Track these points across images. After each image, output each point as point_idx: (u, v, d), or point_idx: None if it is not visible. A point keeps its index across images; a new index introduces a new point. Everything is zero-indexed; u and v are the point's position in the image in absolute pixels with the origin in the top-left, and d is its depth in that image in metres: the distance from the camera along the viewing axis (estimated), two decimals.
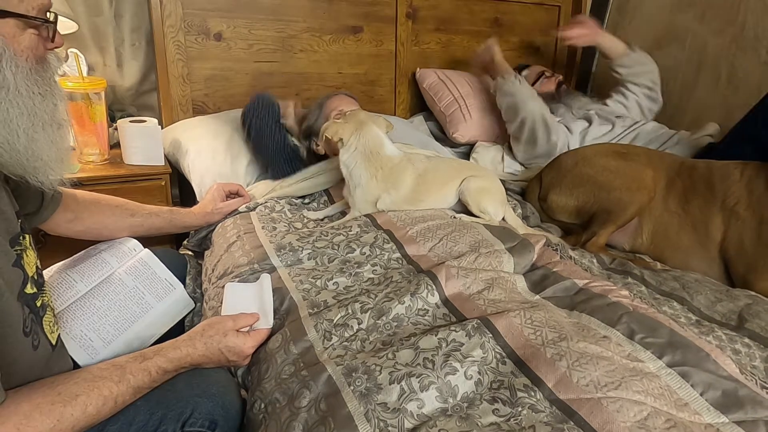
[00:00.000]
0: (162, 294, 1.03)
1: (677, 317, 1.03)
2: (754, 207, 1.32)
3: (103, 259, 1.05)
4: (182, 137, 1.66)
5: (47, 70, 0.73)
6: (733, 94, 2.09)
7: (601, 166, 1.54)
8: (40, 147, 0.71)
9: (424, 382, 0.78)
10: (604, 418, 0.71)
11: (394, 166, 1.30)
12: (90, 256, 1.06)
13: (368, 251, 1.13)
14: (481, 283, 1.02)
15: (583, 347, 0.83)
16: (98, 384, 0.72)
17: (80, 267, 1.02)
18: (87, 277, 1.00)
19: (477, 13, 2.34)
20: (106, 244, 1.10)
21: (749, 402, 0.77)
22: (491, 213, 1.32)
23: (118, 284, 1.00)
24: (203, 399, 0.80)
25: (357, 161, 1.28)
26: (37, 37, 0.70)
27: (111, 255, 1.06)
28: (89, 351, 0.91)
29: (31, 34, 0.69)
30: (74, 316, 0.94)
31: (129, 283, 1.01)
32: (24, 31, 0.68)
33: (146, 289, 1.02)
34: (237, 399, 0.86)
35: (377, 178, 1.29)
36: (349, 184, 1.31)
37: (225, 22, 1.86)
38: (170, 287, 1.05)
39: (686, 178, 1.47)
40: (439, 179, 1.35)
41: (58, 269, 1.04)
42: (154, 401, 0.78)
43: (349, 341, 0.90)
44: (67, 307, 0.95)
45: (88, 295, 0.98)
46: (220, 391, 0.83)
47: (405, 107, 2.30)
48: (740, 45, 2.06)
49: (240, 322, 0.90)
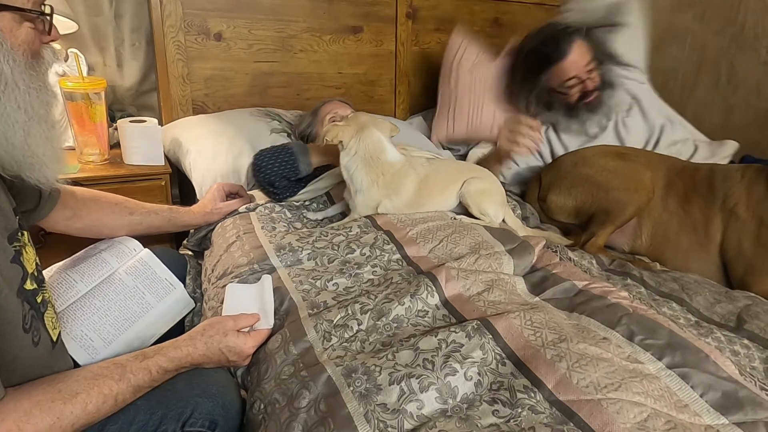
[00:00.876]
0: (162, 294, 1.03)
1: (676, 318, 1.04)
2: (753, 209, 1.32)
3: (103, 259, 1.05)
4: (183, 136, 1.66)
5: (42, 65, 0.73)
6: (733, 94, 2.10)
7: (600, 167, 1.54)
8: (35, 142, 0.71)
9: (424, 383, 0.78)
10: (604, 419, 0.71)
11: (396, 172, 1.27)
12: (90, 256, 1.06)
13: (368, 252, 1.13)
14: (481, 285, 1.02)
15: (583, 348, 0.83)
16: (98, 382, 0.72)
17: (80, 267, 1.02)
18: (87, 277, 1.01)
19: (477, 13, 2.34)
20: (106, 244, 1.10)
21: (749, 403, 0.77)
22: (491, 215, 1.31)
23: (119, 284, 1.01)
24: (203, 399, 0.80)
25: (357, 165, 1.26)
26: (34, 31, 0.70)
27: (111, 255, 1.06)
28: (90, 351, 0.91)
29: (28, 28, 0.69)
30: (74, 316, 0.94)
31: (129, 283, 1.02)
32: (21, 25, 0.68)
33: (146, 289, 1.02)
34: (237, 399, 0.86)
35: (378, 184, 1.26)
36: (350, 187, 1.30)
37: (225, 22, 1.86)
38: (170, 287, 1.05)
39: (687, 179, 1.47)
40: (440, 183, 1.34)
41: (58, 269, 1.04)
42: (154, 401, 0.78)
43: (348, 342, 0.90)
44: (67, 308, 0.95)
45: (88, 295, 0.98)
46: (221, 391, 0.83)
47: (405, 107, 2.30)
48: (740, 45, 2.06)
49: (241, 322, 0.91)
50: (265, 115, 1.82)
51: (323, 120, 1.63)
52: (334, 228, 1.24)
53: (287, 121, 1.82)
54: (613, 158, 1.55)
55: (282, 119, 1.83)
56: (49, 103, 0.74)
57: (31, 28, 0.69)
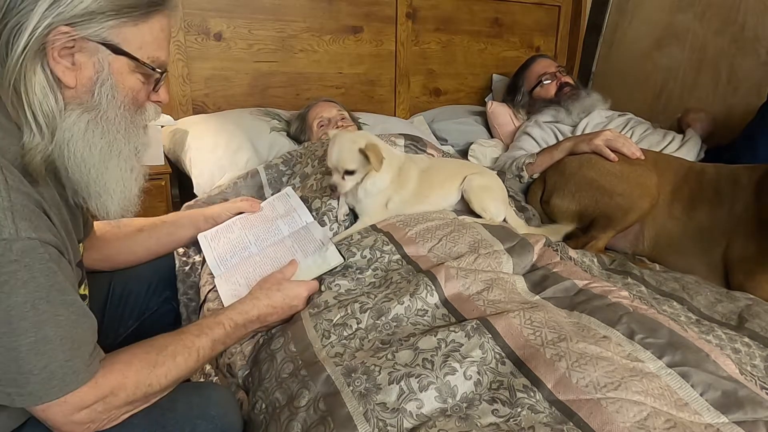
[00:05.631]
0: (311, 251, 1.13)
1: (677, 317, 1.03)
2: (759, 212, 1.30)
3: (277, 227, 1.23)
4: (183, 135, 1.67)
5: (141, 116, 0.80)
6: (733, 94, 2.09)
7: (606, 170, 1.52)
8: (109, 175, 0.76)
9: (424, 382, 0.78)
10: (603, 418, 0.71)
11: (401, 165, 1.31)
12: (267, 220, 1.25)
13: (369, 254, 1.13)
14: (481, 284, 1.01)
15: (583, 348, 0.82)
16: (182, 337, 0.82)
17: (257, 230, 1.22)
18: (261, 242, 1.19)
19: (477, 13, 2.35)
20: (283, 208, 1.27)
21: (749, 402, 0.77)
22: (492, 211, 1.31)
23: (280, 245, 1.17)
24: (202, 421, 0.80)
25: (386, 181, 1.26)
26: (142, 84, 0.76)
27: (285, 223, 1.23)
28: (235, 292, 1.05)
29: (137, 79, 0.75)
30: (238, 267, 1.13)
31: (288, 243, 1.17)
32: (132, 73, 0.75)
33: (299, 247, 1.15)
34: (237, 420, 0.86)
35: (392, 180, 1.28)
36: (359, 195, 1.27)
37: (225, 22, 1.87)
38: (322, 245, 1.14)
39: (693, 183, 1.45)
40: (442, 175, 1.36)
41: (241, 224, 1.23)
42: (153, 422, 0.78)
43: (347, 340, 0.90)
44: (234, 262, 1.14)
45: (254, 254, 1.16)
46: (220, 413, 0.82)
47: (405, 107, 2.30)
48: (740, 45, 2.06)
49: (287, 271, 1.03)
50: (265, 115, 1.82)
51: (312, 125, 1.66)
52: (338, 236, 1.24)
53: (287, 121, 1.83)
54: (619, 162, 1.53)
55: (282, 118, 1.83)
56: (137, 149, 0.79)
57: (140, 80, 0.76)
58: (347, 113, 1.72)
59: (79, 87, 0.71)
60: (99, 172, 0.75)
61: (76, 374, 0.67)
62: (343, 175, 1.22)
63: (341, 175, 1.22)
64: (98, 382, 0.69)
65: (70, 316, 0.67)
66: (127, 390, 0.72)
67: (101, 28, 0.69)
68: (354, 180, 1.23)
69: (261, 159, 1.65)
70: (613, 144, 1.57)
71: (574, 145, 1.65)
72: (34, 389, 0.64)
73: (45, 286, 0.64)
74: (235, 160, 1.63)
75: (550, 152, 1.71)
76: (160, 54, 0.77)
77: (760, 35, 1.99)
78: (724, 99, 2.12)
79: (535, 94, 2.08)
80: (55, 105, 0.69)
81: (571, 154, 1.65)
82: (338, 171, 1.22)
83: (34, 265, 0.63)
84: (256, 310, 0.93)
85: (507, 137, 2.09)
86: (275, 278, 1.01)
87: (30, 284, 0.63)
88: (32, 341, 0.63)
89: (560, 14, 2.55)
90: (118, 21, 0.70)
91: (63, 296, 0.66)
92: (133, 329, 1.15)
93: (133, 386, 0.72)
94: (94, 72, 0.71)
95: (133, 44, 0.73)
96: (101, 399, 0.69)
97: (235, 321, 0.90)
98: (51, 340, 0.64)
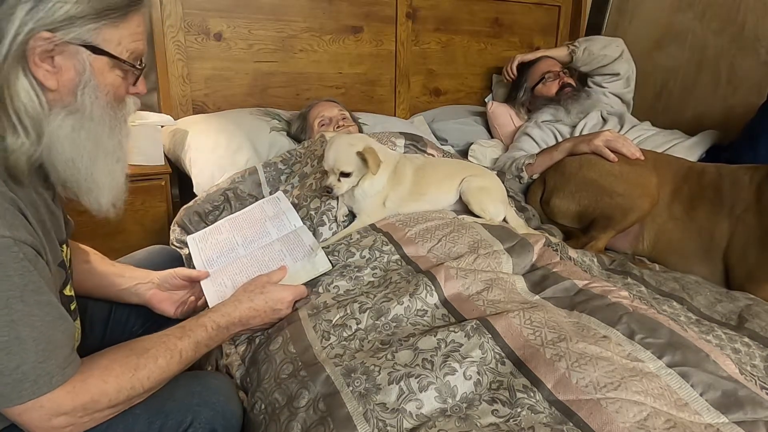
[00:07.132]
0: (300, 256, 1.12)
1: (677, 317, 1.03)
2: (761, 213, 1.29)
3: (265, 229, 1.21)
4: (183, 134, 1.67)
5: (122, 110, 0.80)
6: (733, 94, 2.09)
7: (606, 171, 1.52)
8: (98, 171, 0.77)
9: (423, 382, 0.78)
10: (603, 419, 0.71)
11: (397, 163, 1.31)
12: (256, 221, 1.23)
13: (368, 254, 1.13)
14: (480, 284, 1.01)
15: (583, 348, 0.82)
16: (164, 339, 0.81)
17: (246, 233, 1.21)
18: (249, 244, 1.18)
19: (477, 13, 2.35)
20: (273, 211, 1.26)
21: (749, 402, 0.77)
22: (492, 212, 1.31)
23: (269, 248, 1.16)
24: (203, 408, 0.80)
25: (383, 181, 1.27)
26: (121, 79, 0.77)
27: (273, 226, 1.22)
28: (220, 294, 1.04)
29: (117, 75, 0.76)
30: (224, 268, 1.11)
31: (276, 247, 1.16)
32: (112, 70, 0.75)
33: (288, 252, 1.14)
34: (237, 407, 0.86)
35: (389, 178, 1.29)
36: (356, 196, 1.27)
37: (225, 22, 1.87)
38: (311, 251, 1.13)
39: (694, 183, 1.45)
40: (438, 172, 1.37)
41: (229, 226, 1.22)
42: (153, 409, 0.78)
43: (347, 340, 0.90)
44: (221, 264, 1.13)
45: (242, 256, 1.15)
46: (221, 400, 0.83)
47: (405, 107, 2.30)
48: (740, 45, 2.05)
49: (273, 276, 1.02)
50: (265, 114, 1.82)
51: (313, 125, 1.66)
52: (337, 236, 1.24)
53: (287, 120, 1.83)
54: (619, 162, 1.53)
55: (282, 118, 1.83)
56: (120, 142, 0.80)
57: (119, 76, 0.76)
58: (348, 113, 1.72)
59: (62, 89, 0.70)
60: (88, 169, 0.75)
61: (50, 377, 0.65)
62: (339, 177, 1.22)
63: (337, 177, 1.22)
64: (76, 387, 0.68)
65: (44, 318, 0.66)
66: (109, 395, 0.71)
67: (82, 31, 0.69)
68: (350, 182, 1.23)
69: (261, 159, 1.65)
70: (612, 144, 1.57)
71: (574, 145, 1.65)
72: (4, 391, 0.63)
73: (19, 285, 0.63)
74: (235, 160, 1.62)
75: (550, 153, 1.71)
76: (137, 45, 0.76)
77: (760, 35, 1.99)
78: (724, 99, 2.12)
79: (537, 91, 2.09)
80: (39, 108, 0.68)
81: (571, 155, 1.65)
82: (334, 173, 1.22)
83: (8, 263, 0.62)
84: (237, 313, 0.93)
85: (507, 138, 2.09)
86: (260, 281, 1.00)
87: (3, 283, 0.62)
88: (4, 341, 0.62)
89: (560, 14, 2.54)
90: (99, 24, 0.70)
91: (38, 296, 0.65)
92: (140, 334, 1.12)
93: (115, 391, 0.72)
94: (76, 74, 0.71)
95: (112, 43, 0.72)
96: (81, 406, 0.68)
97: (217, 323, 0.89)
98: (24, 340, 0.63)
